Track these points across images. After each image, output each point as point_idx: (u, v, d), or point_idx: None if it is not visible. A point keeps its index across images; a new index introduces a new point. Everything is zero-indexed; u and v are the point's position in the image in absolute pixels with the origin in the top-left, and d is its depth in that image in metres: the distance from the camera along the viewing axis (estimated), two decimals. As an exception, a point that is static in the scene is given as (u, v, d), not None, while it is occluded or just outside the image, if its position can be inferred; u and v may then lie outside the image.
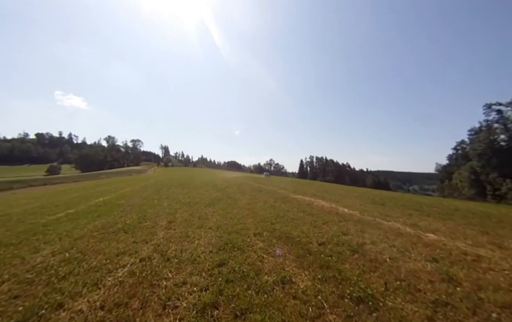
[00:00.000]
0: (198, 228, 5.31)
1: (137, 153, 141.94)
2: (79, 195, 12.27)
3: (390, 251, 4.00)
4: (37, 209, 8.26)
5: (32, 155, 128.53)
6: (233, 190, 13.05)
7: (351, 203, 9.38)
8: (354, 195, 12.46)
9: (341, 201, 9.85)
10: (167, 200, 9.39)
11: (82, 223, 5.93)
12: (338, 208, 8.03)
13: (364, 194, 13.47)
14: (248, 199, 9.72)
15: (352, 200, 10.38)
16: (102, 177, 42.25)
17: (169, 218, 6.29)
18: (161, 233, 4.95)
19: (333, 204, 8.89)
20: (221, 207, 7.84)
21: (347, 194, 12.95)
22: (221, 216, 6.50)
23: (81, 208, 8.02)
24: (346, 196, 11.60)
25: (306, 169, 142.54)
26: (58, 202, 9.70)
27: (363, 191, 15.84)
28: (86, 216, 6.67)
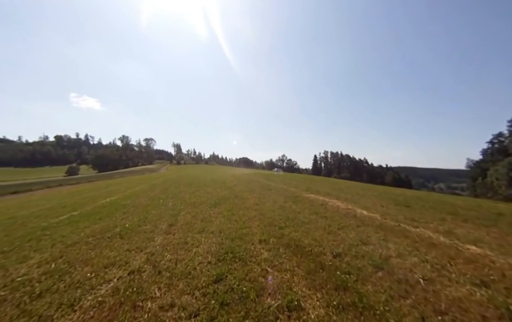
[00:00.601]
0: (199, 233, 4.93)
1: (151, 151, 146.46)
2: (89, 196, 12.47)
3: (423, 268, 3.36)
4: (44, 211, 8.36)
5: (52, 157, 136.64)
6: (242, 188, 12.65)
7: (371, 204, 8.62)
8: (374, 194, 11.58)
9: (358, 201, 9.11)
10: (173, 200, 9.17)
11: (82, 226, 5.79)
12: (356, 210, 7.34)
13: (385, 193, 12.51)
14: (256, 198, 9.27)
15: (371, 200, 9.58)
16: (115, 176, 43.73)
17: (170, 220, 5.99)
18: (159, 239, 4.62)
19: (349, 205, 8.19)
20: (226, 207, 7.45)
21: (365, 193, 12.09)
22: (225, 218, 6.10)
23: (86, 210, 7.98)
24: (364, 196, 10.78)
25: (320, 165, 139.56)
26: (66, 204, 9.82)
27: (383, 190, 14.80)
28: (88, 219, 6.55)
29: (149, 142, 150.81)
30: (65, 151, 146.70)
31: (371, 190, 13.71)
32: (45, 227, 5.86)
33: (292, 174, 37.70)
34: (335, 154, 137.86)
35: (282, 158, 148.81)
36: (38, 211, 8.29)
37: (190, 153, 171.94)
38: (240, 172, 31.60)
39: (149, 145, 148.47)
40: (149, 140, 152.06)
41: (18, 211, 8.77)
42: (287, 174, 35.75)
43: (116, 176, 43.98)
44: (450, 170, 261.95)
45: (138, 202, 8.97)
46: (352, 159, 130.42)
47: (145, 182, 21.08)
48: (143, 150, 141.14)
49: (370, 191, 13.24)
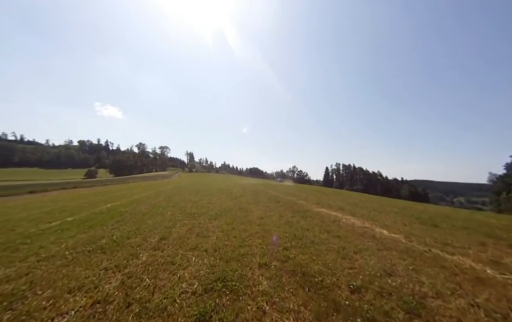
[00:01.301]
0: (190, 251, 4.25)
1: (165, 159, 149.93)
2: (92, 200, 12.24)
3: (477, 318, 2.45)
4: (42, 214, 8.05)
5: (74, 160, 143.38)
6: (248, 199, 11.92)
7: (391, 221, 7.58)
8: (393, 210, 10.43)
9: (376, 218, 8.08)
10: (173, 209, 8.60)
11: (68, 235, 5.29)
12: (375, 229, 6.37)
13: (405, 209, 11.30)
14: (261, 211, 8.49)
15: (391, 217, 8.51)
16: (129, 181, 44.48)
17: (164, 233, 5.36)
18: (144, 256, 3.98)
19: (366, 222, 7.21)
20: (227, 220, 6.74)
21: (383, 208, 10.94)
22: (224, 233, 5.38)
23: (81, 216, 7.57)
24: (382, 212, 9.68)
25: (332, 177, 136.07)
26: (67, 208, 9.54)
27: (403, 205, 13.49)
28: (78, 226, 6.08)
29: (164, 149, 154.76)
30: (86, 155, 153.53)
31: (389, 205, 12.50)
32: (30, 234, 5.42)
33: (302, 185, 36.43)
34: (347, 167, 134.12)
35: (293, 169, 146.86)
36: (36, 214, 8.00)
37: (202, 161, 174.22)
38: (248, 182, 30.93)
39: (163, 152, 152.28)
40: (163, 148, 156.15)
41: (19, 212, 8.55)
42: (297, 185, 34.58)
43: (129, 181, 44.74)
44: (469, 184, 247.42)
45: (137, 210, 8.48)
46: (365, 172, 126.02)
47: (153, 188, 20.91)
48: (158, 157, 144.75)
49: (389, 206, 12.06)
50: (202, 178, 53.31)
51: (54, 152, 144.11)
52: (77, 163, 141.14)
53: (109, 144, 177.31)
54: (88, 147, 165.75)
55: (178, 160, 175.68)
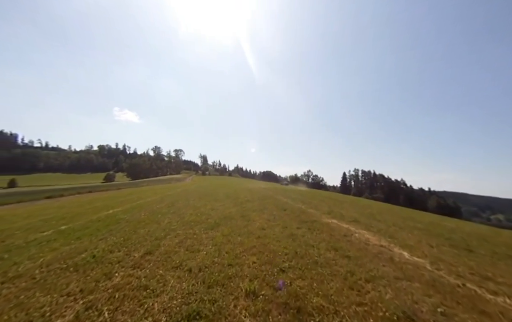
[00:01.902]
0: (172, 270, 3.78)
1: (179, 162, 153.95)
2: (98, 205, 12.33)
3: None
4: (40, 223, 8.02)
5: (94, 165, 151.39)
6: (253, 205, 11.35)
7: (414, 241, 6.64)
8: (417, 226, 9.32)
9: (396, 235, 7.15)
10: (172, 216, 8.26)
11: (51, 247, 5.05)
12: (393, 249, 5.53)
13: (432, 225, 10.09)
14: (265, 220, 7.88)
15: (414, 235, 7.51)
16: (142, 185, 45.72)
17: (151, 246, 4.96)
18: (117, 277, 3.56)
19: (383, 240, 6.35)
20: (225, 230, 6.22)
21: (405, 223, 9.85)
22: (216, 247, 4.87)
23: (77, 224, 7.43)
24: (404, 227, 8.65)
25: (350, 183, 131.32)
26: (68, 215, 9.56)
27: (430, 220, 12.15)
28: (67, 237, 5.86)
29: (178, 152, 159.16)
30: (105, 159, 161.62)
31: (412, 219, 11.29)
32: (14, 246, 5.23)
33: (316, 191, 35.06)
34: (367, 173, 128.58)
35: (307, 173, 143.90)
36: (34, 223, 8.01)
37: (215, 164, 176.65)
38: (258, 187, 30.31)
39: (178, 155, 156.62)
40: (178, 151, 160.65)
41: (21, 220, 8.66)
42: (310, 191, 33.35)
43: (142, 185, 45.98)
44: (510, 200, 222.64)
45: (135, 217, 8.24)
46: (387, 180, 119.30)
47: (162, 192, 21.02)
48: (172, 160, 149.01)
49: (412, 220, 10.88)
50: (213, 181, 53.52)
51: (75, 157, 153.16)
52: (96, 167, 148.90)
53: (126, 148, 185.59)
54: (107, 152, 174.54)
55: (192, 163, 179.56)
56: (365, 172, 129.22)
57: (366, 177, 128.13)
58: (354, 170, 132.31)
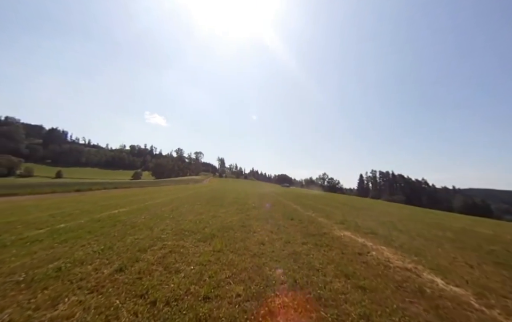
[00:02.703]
0: (133, 300, 2.92)
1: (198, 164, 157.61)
2: (110, 203, 12.13)
3: None
4: (46, 218, 7.73)
5: (125, 163, 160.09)
6: (259, 213, 10.33)
7: (447, 259, 5.23)
8: (447, 236, 7.71)
9: (423, 251, 5.75)
10: (169, 222, 7.55)
11: (30, 251, 4.48)
12: (422, 274, 4.23)
13: (466, 234, 8.36)
14: (267, 231, 6.85)
15: (446, 250, 6.04)
16: (162, 184, 46.79)
17: (127, 260, 4.17)
18: (65, 304, 2.79)
19: (408, 259, 5.02)
20: (218, 244, 5.29)
21: (432, 233, 8.25)
22: (200, 267, 3.96)
23: (74, 224, 6.97)
24: (432, 239, 7.13)
25: (367, 185, 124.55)
26: (76, 211, 9.28)
27: (461, 226, 10.25)
28: (55, 238, 5.31)
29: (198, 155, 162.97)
30: (135, 158, 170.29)
31: (441, 227, 9.49)
32: (0, 244, 4.84)
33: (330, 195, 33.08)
34: (385, 174, 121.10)
35: (323, 176, 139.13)
36: (42, 217, 7.73)
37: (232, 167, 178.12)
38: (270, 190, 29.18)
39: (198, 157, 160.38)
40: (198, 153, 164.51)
41: (34, 213, 8.51)
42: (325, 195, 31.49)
43: (162, 184, 47.07)
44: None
45: (133, 220, 7.65)
46: (406, 180, 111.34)
47: (175, 193, 20.83)
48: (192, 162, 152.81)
49: (440, 228, 9.14)
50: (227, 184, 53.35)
51: (111, 155, 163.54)
52: (127, 165, 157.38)
53: (153, 149, 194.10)
54: (137, 151, 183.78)
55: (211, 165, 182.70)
56: (382, 174, 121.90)
57: (384, 178, 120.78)
58: (372, 172, 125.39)
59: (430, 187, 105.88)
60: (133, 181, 60.61)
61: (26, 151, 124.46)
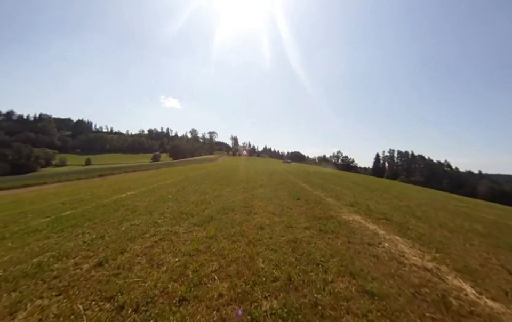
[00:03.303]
0: (98, 304, 2.55)
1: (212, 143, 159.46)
2: (122, 186, 12.26)
3: None
4: (58, 205, 7.75)
5: (144, 147, 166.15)
6: (264, 191, 9.80)
7: (478, 259, 4.38)
8: (476, 229, 6.69)
9: (447, 246, 4.90)
10: (171, 204, 7.26)
11: (24, 242, 4.35)
12: (446, 278, 3.47)
13: (500, 229, 7.25)
14: (269, 213, 6.31)
15: (476, 247, 5.13)
16: (177, 165, 47.78)
17: (112, 251, 3.84)
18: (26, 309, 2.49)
19: (428, 256, 4.24)
20: (214, 228, 4.83)
21: (457, 223, 7.25)
22: (186, 258, 3.53)
23: (80, 210, 6.91)
24: (458, 231, 6.19)
25: (384, 165, 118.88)
26: (87, 197, 9.40)
27: (493, 219, 8.99)
28: (54, 227, 5.17)
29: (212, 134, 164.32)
30: (153, 142, 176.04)
31: (467, 217, 8.33)
32: (1, 236, 4.79)
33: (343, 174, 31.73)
34: (403, 154, 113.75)
35: (337, 154, 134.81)
36: (55, 205, 7.76)
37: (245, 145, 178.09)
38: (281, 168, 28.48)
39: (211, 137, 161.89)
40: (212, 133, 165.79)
41: (50, 200, 8.73)
42: (336, 173, 30.23)
43: (177, 164, 48.09)
44: None
45: (137, 204, 7.47)
46: (427, 161, 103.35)
47: (186, 172, 20.90)
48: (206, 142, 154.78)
49: (466, 217, 8.02)
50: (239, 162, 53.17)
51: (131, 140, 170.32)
52: (146, 149, 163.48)
53: (169, 132, 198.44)
54: (154, 135, 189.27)
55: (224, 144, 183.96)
56: (401, 153, 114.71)
57: (402, 159, 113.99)
58: (390, 151, 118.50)
59: (452, 170, 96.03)
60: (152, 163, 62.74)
61: (58, 143, 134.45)
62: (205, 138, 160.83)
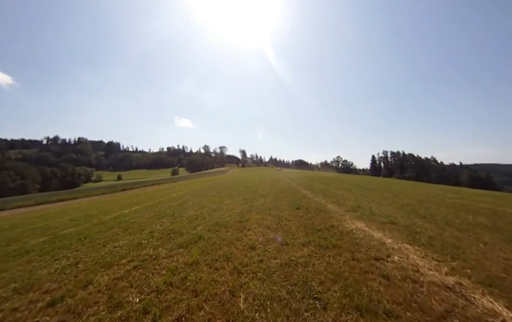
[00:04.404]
0: None
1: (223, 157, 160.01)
2: (131, 202, 11.58)
3: None
4: (67, 221, 7.31)
5: (164, 162, 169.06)
6: (265, 202, 8.76)
7: (501, 265, 3.20)
8: (484, 224, 5.44)
9: (464, 251, 3.73)
10: (165, 221, 6.37)
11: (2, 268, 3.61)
12: (472, 297, 2.34)
13: (505, 221, 5.92)
14: (264, 228, 5.27)
15: (492, 246, 3.92)
16: (192, 178, 47.46)
17: (75, 284, 3.00)
18: None
19: (446, 269, 3.09)
20: (195, 254, 3.90)
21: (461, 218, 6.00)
22: (151, 298, 2.59)
23: (80, 228, 6.19)
24: (466, 229, 4.96)
25: (380, 165, 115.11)
26: (97, 212, 8.74)
27: (489, 207, 7.64)
28: (44, 249, 4.49)
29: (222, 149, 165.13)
30: (171, 158, 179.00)
31: (469, 210, 6.88)
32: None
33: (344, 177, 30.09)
34: (396, 154, 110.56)
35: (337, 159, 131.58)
36: (62, 222, 7.25)
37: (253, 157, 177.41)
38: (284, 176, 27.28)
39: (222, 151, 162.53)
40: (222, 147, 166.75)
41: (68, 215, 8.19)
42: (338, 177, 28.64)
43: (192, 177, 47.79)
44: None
45: (132, 221, 6.64)
46: (417, 158, 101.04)
47: (193, 186, 20.14)
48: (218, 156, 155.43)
49: (469, 212, 6.63)
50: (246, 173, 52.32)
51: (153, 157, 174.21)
52: (166, 164, 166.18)
53: (184, 148, 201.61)
54: (172, 152, 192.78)
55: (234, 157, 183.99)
56: (393, 154, 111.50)
57: (395, 158, 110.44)
58: (383, 152, 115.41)
59: (438, 164, 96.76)
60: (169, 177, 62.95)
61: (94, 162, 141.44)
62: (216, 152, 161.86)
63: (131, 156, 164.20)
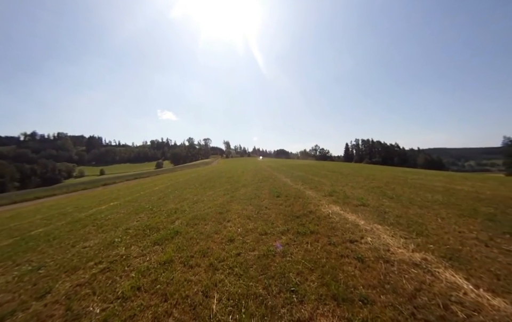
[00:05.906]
0: None
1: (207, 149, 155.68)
2: (110, 196, 10.57)
3: None
4: (39, 221, 6.54)
5: (148, 156, 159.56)
6: (246, 191, 8.55)
7: (457, 237, 3.38)
8: (440, 201, 5.87)
9: (426, 228, 3.89)
10: (144, 215, 5.85)
11: None
12: (436, 272, 2.37)
13: (456, 197, 6.45)
14: (244, 218, 5.05)
15: (448, 221, 4.19)
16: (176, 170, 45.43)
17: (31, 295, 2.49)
18: None
19: (412, 246, 3.16)
20: (170, 251, 3.55)
21: (420, 195, 6.43)
22: (112, 308, 2.24)
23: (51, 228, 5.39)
24: (428, 207, 5.27)
25: (352, 152, 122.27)
26: (73, 209, 7.82)
27: (442, 185, 8.37)
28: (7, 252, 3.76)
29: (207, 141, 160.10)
30: (155, 151, 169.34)
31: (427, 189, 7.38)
32: None
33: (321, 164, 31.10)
34: (366, 141, 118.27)
35: (315, 147, 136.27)
36: (33, 222, 6.37)
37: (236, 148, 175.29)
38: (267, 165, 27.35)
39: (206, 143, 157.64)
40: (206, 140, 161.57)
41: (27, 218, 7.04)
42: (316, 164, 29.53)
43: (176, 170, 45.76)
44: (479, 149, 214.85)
45: (108, 218, 5.99)
46: (383, 145, 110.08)
47: (178, 178, 19.20)
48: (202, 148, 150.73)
49: (428, 191, 7.10)
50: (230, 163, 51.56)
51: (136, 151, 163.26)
52: (149, 157, 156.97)
53: (168, 141, 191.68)
54: (156, 145, 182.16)
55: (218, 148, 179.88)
56: (364, 141, 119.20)
57: (365, 145, 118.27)
58: (355, 140, 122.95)
59: (400, 149, 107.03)
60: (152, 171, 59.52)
61: (76, 158, 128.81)
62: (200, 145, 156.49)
63: (114, 150, 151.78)
